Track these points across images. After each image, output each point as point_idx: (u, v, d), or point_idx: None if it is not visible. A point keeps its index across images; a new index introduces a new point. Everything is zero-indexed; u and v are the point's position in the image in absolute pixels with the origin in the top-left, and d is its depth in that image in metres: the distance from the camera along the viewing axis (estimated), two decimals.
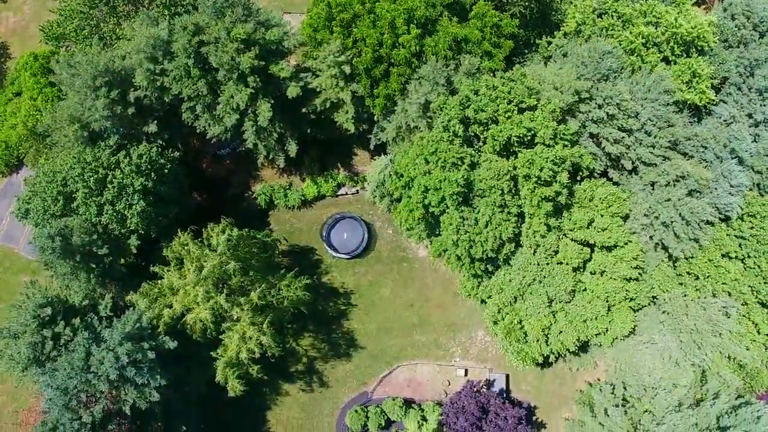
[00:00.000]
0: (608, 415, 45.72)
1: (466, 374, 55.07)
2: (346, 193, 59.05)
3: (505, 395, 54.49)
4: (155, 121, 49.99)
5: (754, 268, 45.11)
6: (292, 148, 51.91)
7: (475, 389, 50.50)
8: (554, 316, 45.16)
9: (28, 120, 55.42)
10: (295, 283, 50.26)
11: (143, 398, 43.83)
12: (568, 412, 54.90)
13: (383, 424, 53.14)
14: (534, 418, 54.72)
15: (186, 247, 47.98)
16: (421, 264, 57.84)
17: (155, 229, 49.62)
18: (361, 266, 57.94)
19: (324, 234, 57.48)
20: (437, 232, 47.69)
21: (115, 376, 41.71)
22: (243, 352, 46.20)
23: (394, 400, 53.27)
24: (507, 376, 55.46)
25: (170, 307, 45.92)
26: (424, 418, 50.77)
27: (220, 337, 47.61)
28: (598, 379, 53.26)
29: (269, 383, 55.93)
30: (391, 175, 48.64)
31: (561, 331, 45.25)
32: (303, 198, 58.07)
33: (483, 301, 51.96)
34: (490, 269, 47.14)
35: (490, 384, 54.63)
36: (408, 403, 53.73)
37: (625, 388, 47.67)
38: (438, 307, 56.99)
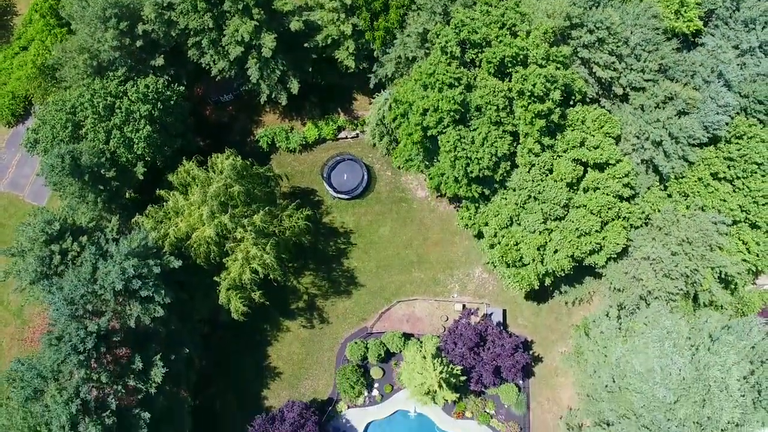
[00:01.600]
0: (603, 332, 46.79)
1: (463, 309, 56.02)
2: (346, 137, 60.56)
3: (501, 328, 55.39)
4: (162, 56, 51.68)
5: (742, 189, 46.48)
6: (294, 86, 53.49)
7: (472, 314, 51.52)
8: (549, 234, 46.34)
9: (37, 59, 57.03)
10: (297, 214, 51.59)
11: (147, 314, 44.79)
12: (564, 347, 55.82)
13: (382, 355, 54.02)
14: (531, 352, 55.62)
15: (191, 174, 49.33)
16: (420, 204, 59.16)
17: (161, 159, 51.03)
18: (360, 207, 59.25)
19: (324, 174, 58.87)
20: (435, 160, 49.20)
21: (121, 286, 42.69)
22: (246, 272, 47.29)
23: (393, 333, 54.33)
24: (504, 312, 56.44)
25: (175, 227, 47.05)
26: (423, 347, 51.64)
27: (223, 261, 48.78)
28: None
29: (270, 320, 57.14)
30: (390, 105, 50.15)
31: (556, 250, 46.40)
32: (304, 141, 59.53)
33: (479, 236, 53.37)
34: (487, 193, 48.50)
35: (487, 318, 55.58)
36: (407, 336, 54.70)
37: (619, 310, 48.84)
38: (436, 246, 58.19)
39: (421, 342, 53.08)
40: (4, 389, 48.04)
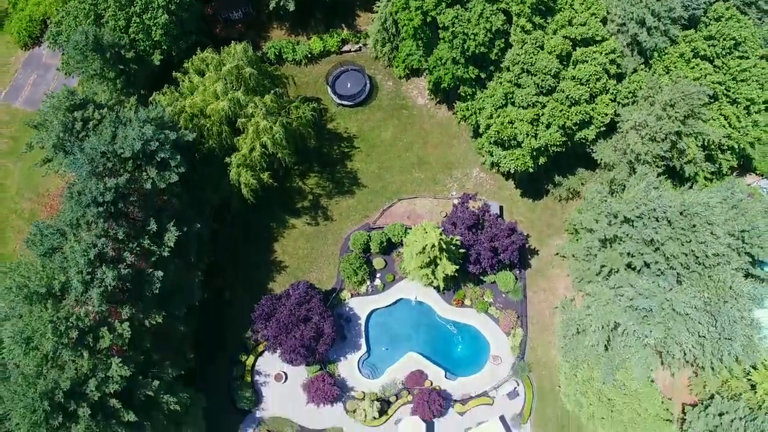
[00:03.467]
0: (595, 201, 49.35)
1: (462, 195, 58.25)
2: (350, 50, 63.87)
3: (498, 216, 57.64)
4: None
5: (722, 68, 49.62)
6: None
7: (470, 198, 53.95)
8: (542, 108, 49.18)
9: None
10: (303, 107, 54.49)
11: (163, 180, 47.18)
12: (559, 240, 58.18)
13: (384, 245, 56.23)
14: (527, 245, 57.95)
15: (205, 61, 52.35)
16: (420, 111, 62.12)
17: (176, 50, 54.09)
18: (363, 114, 62.19)
19: (329, 82, 61.95)
20: (435, 48, 52.41)
21: (139, 147, 45.17)
22: (256, 148, 49.92)
23: (395, 224, 56.69)
24: (501, 207, 58.93)
25: (191, 100, 49.85)
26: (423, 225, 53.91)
27: (234, 142, 51.43)
28: None
29: (276, 219, 59.51)
30: (393, 3, 53.47)
31: (548, 124, 49.19)
32: (309, 53, 62.77)
33: (476, 135, 56.25)
34: (483, 77, 51.59)
35: (485, 205, 57.64)
36: (408, 229, 57.00)
37: (611, 185, 51.44)
38: (435, 149, 60.96)
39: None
40: (25, 256, 50.25)
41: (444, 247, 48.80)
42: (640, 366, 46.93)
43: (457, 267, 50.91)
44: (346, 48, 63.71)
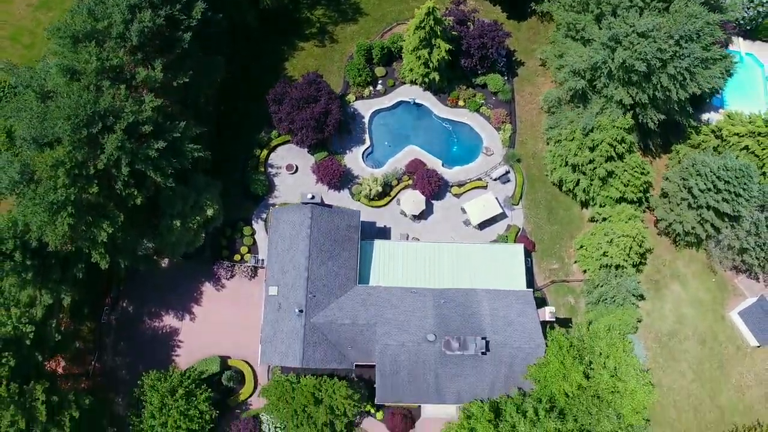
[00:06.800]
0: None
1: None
2: None
3: None
4: None
5: None
6: None
7: (461, 3, 60.50)
8: None
9: None
10: None
11: None
12: (542, 54, 64.32)
13: (385, 51, 62.28)
14: (513, 57, 64.27)
15: None
16: None
17: None
18: None
19: None
20: None
21: None
22: None
23: (393, 35, 63.07)
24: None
25: None
26: None
27: None
28: None
29: (287, 43, 65.67)
30: None
31: None
32: None
33: None
34: None
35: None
36: None
37: None
38: None
39: None
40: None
41: (438, 17, 54.84)
42: (614, 116, 52.59)
43: (451, 47, 56.87)
44: None
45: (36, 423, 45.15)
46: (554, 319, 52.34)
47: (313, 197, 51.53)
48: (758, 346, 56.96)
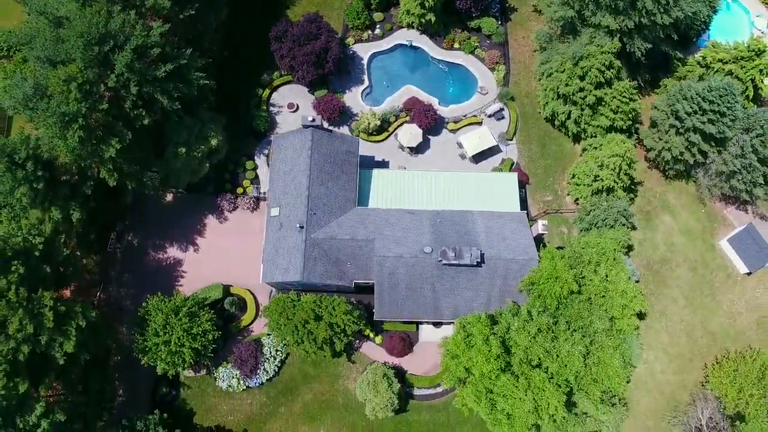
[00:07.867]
0: None
1: None
2: None
3: None
4: None
5: None
6: None
7: None
8: None
9: None
10: None
11: None
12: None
13: None
14: (506, 4, 66.66)
15: None
16: None
17: None
18: None
19: None
20: None
21: None
22: None
23: None
24: None
25: None
26: None
27: None
28: None
29: None
30: None
31: None
32: None
33: None
34: None
35: None
36: None
37: None
38: None
39: None
40: None
41: None
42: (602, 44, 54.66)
43: None
44: None
45: (43, 329, 46.38)
46: (546, 233, 54.25)
47: (313, 120, 53.36)
48: (748, 273, 58.38)
